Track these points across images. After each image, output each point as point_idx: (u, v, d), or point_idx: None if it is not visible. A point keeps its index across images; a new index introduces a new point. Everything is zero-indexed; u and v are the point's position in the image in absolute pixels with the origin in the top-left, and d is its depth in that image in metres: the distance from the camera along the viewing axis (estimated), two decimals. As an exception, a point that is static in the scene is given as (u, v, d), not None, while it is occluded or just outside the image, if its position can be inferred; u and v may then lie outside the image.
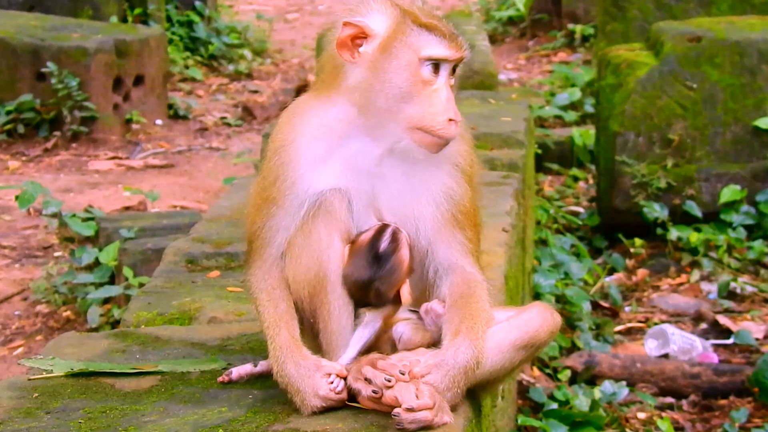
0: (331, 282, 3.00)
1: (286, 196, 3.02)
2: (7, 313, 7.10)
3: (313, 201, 3.00)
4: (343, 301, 3.02)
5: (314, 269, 3.01)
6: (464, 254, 3.07)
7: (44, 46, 10.36)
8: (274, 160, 3.05)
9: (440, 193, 3.04)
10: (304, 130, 3.04)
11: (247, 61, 13.92)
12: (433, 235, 3.05)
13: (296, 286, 3.04)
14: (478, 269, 3.11)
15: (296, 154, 3.02)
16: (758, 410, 5.96)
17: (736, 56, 7.82)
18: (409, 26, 2.93)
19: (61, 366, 3.39)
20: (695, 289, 7.35)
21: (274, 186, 3.03)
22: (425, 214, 3.04)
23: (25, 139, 10.43)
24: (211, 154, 10.60)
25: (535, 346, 3.09)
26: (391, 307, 3.04)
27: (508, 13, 14.97)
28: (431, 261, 3.08)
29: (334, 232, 3.00)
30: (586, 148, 9.47)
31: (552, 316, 3.12)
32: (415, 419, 2.80)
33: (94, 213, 7.46)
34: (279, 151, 3.05)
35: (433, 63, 2.93)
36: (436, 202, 3.04)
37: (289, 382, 2.96)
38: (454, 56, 2.95)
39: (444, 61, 2.94)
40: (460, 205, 3.06)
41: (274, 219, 3.04)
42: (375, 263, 2.97)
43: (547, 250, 7.15)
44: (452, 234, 3.06)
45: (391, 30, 2.93)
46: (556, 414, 5.42)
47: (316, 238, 3.00)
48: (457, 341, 2.93)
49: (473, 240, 3.11)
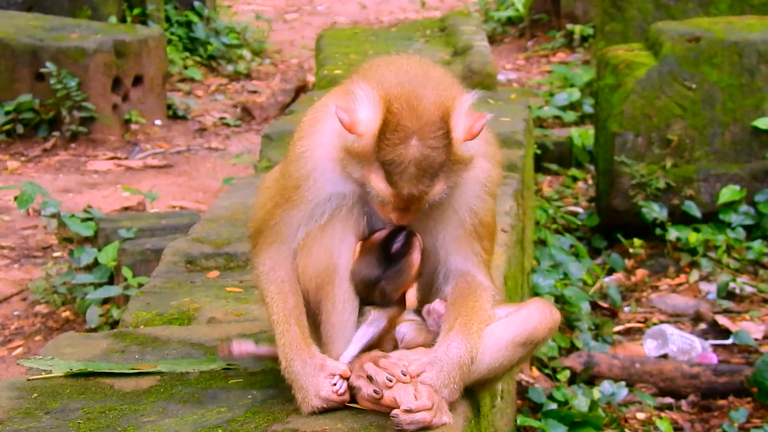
0: (339, 275, 3.00)
1: (309, 202, 3.00)
2: (6, 314, 7.10)
3: (336, 204, 3.00)
4: (348, 296, 3.02)
5: (324, 262, 3.01)
6: (477, 264, 3.09)
7: (43, 46, 10.36)
8: (296, 166, 3.02)
9: (465, 211, 3.04)
10: (328, 137, 2.98)
11: (246, 61, 13.92)
12: (451, 247, 3.06)
13: (304, 277, 3.04)
14: (488, 276, 3.12)
15: (320, 162, 2.99)
16: (757, 410, 5.96)
17: (735, 56, 7.82)
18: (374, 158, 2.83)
19: (60, 366, 3.39)
20: (694, 289, 7.36)
21: (296, 192, 3.01)
22: (448, 229, 3.05)
23: (24, 140, 10.43)
24: (210, 154, 10.60)
25: (533, 342, 3.09)
26: (396, 308, 3.04)
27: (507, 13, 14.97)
28: (443, 267, 3.09)
29: (350, 229, 3.01)
30: (585, 148, 9.47)
31: (551, 313, 3.12)
32: (413, 420, 2.81)
33: (93, 213, 7.45)
34: (302, 158, 3.02)
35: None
36: (461, 220, 3.04)
37: (294, 378, 2.97)
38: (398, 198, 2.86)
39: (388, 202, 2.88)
40: (482, 219, 3.07)
41: (293, 218, 3.03)
42: (385, 263, 2.97)
43: (546, 250, 7.16)
44: (470, 246, 3.07)
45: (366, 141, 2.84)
46: (555, 414, 5.42)
47: (330, 232, 3.00)
48: (449, 337, 2.94)
49: (489, 250, 3.12)
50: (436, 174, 2.83)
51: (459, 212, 3.04)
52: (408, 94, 2.81)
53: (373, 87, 2.84)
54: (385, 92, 2.82)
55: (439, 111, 2.80)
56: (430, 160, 2.79)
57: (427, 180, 2.82)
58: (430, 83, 2.85)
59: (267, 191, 3.15)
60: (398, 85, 2.83)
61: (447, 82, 2.91)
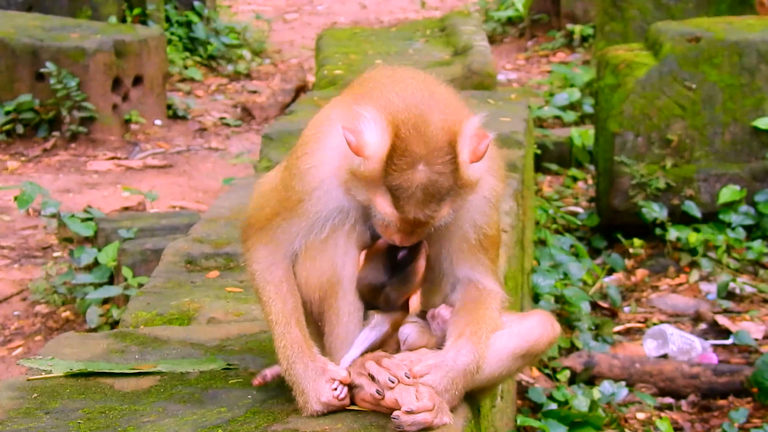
0: (343, 288, 2.99)
1: (311, 217, 2.98)
2: (6, 314, 7.10)
3: (338, 219, 2.97)
4: (353, 307, 3.01)
5: (328, 273, 2.99)
6: (484, 272, 3.09)
7: (43, 46, 10.36)
8: (299, 181, 2.97)
9: (470, 227, 3.04)
10: (333, 154, 2.94)
11: (246, 61, 13.92)
12: (456, 258, 3.06)
13: (308, 288, 3.03)
14: (497, 282, 3.12)
15: (325, 181, 2.96)
16: (757, 410, 5.96)
17: (735, 56, 7.82)
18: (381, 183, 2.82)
19: (60, 366, 3.39)
20: (694, 289, 7.36)
21: (299, 204, 2.97)
22: (453, 244, 3.04)
23: (24, 140, 10.43)
24: (210, 154, 10.60)
25: (533, 355, 3.11)
26: (399, 313, 3.04)
27: (507, 13, 14.97)
28: (449, 276, 3.09)
29: (353, 241, 2.99)
30: (585, 148, 9.47)
31: (552, 327, 3.13)
32: (414, 421, 2.81)
33: (93, 213, 7.45)
34: (306, 175, 2.97)
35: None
36: (465, 234, 3.04)
37: (296, 381, 2.96)
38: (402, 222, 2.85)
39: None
40: (486, 232, 3.06)
41: (292, 227, 3.01)
42: (391, 269, 2.97)
43: (546, 250, 7.16)
44: (476, 257, 3.07)
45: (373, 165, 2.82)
46: (555, 414, 5.42)
47: (334, 244, 2.98)
48: (459, 343, 2.94)
49: (494, 258, 3.12)
50: (443, 198, 2.82)
51: (464, 227, 3.03)
52: (416, 119, 2.79)
53: (380, 110, 2.81)
54: (393, 116, 2.80)
55: (446, 136, 2.79)
56: (438, 185, 2.78)
57: (434, 205, 2.81)
58: (437, 106, 2.84)
59: (265, 196, 3.11)
60: (405, 110, 2.81)
61: (453, 105, 2.90)
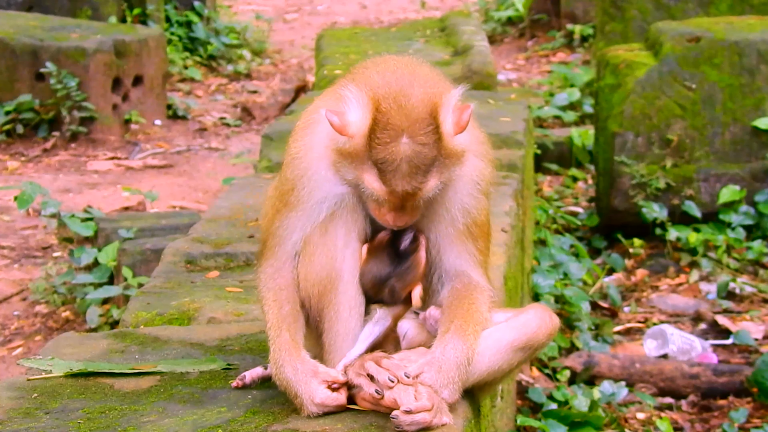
0: (343, 282, 2.99)
1: (305, 203, 3.01)
2: (6, 314, 7.10)
3: (332, 204, 3.00)
4: (354, 303, 3.01)
5: (328, 268, 3.00)
6: (473, 264, 3.09)
7: (43, 46, 10.36)
8: (290, 169, 3.04)
9: (458, 210, 3.04)
10: (320, 139, 3.00)
11: (246, 61, 13.93)
12: (444, 246, 3.07)
13: (307, 284, 3.03)
14: (485, 278, 3.12)
15: (313, 163, 3.00)
16: (757, 410, 5.96)
17: (735, 56, 7.82)
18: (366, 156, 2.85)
19: (60, 366, 3.39)
20: (694, 289, 7.36)
21: (292, 194, 3.02)
22: (440, 227, 3.05)
23: (24, 140, 10.43)
24: (210, 154, 10.60)
25: (532, 347, 3.10)
26: (402, 307, 3.05)
27: (507, 13, 14.98)
28: (437, 268, 3.09)
29: (352, 233, 3.00)
30: (585, 148, 9.47)
31: (550, 318, 3.13)
32: (414, 421, 2.81)
33: (93, 213, 7.46)
34: (295, 161, 3.03)
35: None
36: (453, 218, 3.05)
37: (287, 385, 2.95)
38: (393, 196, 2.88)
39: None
40: (475, 218, 3.07)
41: (291, 220, 3.04)
42: (395, 260, 2.98)
43: (546, 250, 7.15)
44: (464, 245, 3.07)
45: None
46: (555, 414, 5.42)
47: (333, 236, 3.00)
48: (445, 339, 2.94)
49: (483, 250, 3.12)
50: (429, 170, 2.84)
51: (451, 211, 3.04)
52: (396, 93, 2.85)
53: (361, 88, 2.87)
54: (374, 92, 2.85)
55: (427, 107, 2.83)
56: (422, 156, 2.81)
57: (420, 176, 2.84)
58: (417, 81, 2.88)
59: (269, 200, 3.16)
60: (386, 85, 2.87)
61: (434, 79, 2.94)
